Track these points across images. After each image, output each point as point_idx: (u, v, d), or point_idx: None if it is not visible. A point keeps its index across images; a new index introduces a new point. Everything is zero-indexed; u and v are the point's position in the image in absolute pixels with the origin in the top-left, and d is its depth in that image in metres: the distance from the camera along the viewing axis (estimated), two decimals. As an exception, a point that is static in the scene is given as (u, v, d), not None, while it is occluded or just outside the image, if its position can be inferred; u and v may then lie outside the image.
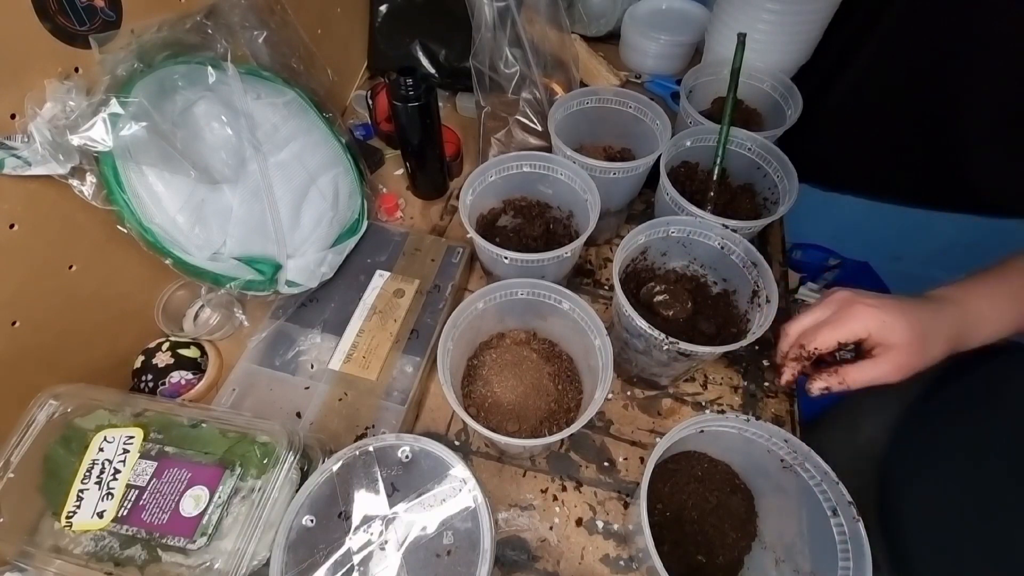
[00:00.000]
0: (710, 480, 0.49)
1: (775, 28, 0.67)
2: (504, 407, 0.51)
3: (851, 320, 0.44)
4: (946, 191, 0.88)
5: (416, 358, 0.56)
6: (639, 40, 0.84)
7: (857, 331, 0.43)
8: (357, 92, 0.84)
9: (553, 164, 0.58)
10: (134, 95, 0.43)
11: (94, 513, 0.39)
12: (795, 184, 0.56)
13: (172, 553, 0.38)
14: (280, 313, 0.59)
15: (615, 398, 0.58)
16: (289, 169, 0.56)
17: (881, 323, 0.43)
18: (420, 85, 0.59)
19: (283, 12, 0.59)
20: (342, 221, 0.62)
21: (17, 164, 0.39)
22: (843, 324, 0.44)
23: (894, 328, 0.43)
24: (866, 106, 0.82)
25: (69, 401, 0.43)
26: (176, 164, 0.46)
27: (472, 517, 0.39)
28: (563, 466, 0.54)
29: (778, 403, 0.58)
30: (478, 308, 0.50)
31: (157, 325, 0.57)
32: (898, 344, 0.43)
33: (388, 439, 0.42)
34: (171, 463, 0.41)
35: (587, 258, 0.68)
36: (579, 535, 0.50)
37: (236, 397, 0.54)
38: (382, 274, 0.62)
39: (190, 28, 0.50)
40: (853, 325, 0.44)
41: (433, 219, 0.72)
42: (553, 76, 0.68)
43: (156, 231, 0.47)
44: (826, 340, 0.44)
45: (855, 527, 0.37)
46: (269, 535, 0.39)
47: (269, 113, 0.55)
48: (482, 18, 0.61)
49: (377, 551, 0.38)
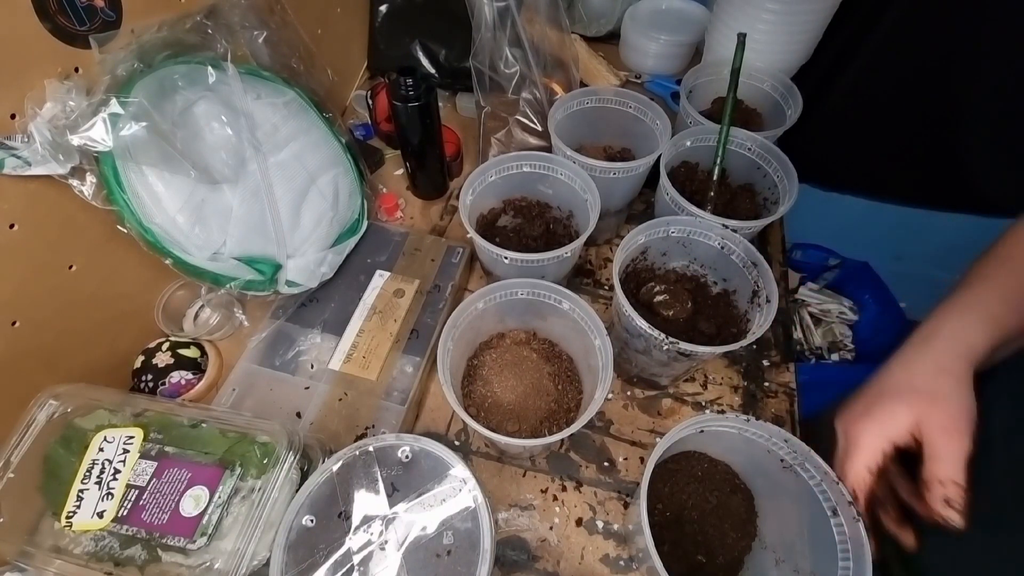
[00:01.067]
0: (710, 480, 0.49)
1: (775, 28, 0.67)
2: (504, 407, 0.51)
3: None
4: (946, 191, 0.88)
5: (416, 358, 0.56)
6: (639, 40, 0.84)
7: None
8: (357, 92, 0.84)
9: (553, 164, 0.58)
10: (134, 95, 0.43)
11: (94, 513, 0.39)
12: (795, 184, 0.56)
13: (172, 553, 0.38)
14: (280, 313, 0.59)
15: (615, 398, 0.58)
16: (289, 169, 0.56)
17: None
18: (420, 85, 0.59)
19: (283, 12, 0.59)
20: (342, 221, 0.62)
21: (17, 164, 0.39)
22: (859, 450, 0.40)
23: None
24: (866, 106, 0.82)
25: (69, 401, 0.43)
26: (176, 164, 0.46)
27: (472, 517, 0.39)
28: (563, 466, 0.54)
29: (778, 403, 0.58)
30: (478, 308, 0.50)
31: (157, 325, 0.57)
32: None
33: (388, 439, 0.42)
34: (171, 463, 0.41)
35: (587, 258, 0.68)
36: (579, 535, 0.50)
37: (236, 397, 0.54)
38: (382, 274, 0.62)
39: (190, 28, 0.50)
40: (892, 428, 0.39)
41: (433, 219, 0.72)
42: (553, 76, 0.68)
43: (156, 231, 0.47)
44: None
45: (855, 527, 0.37)
46: (269, 535, 0.39)
47: (269, 113, 0.55)
48: (482, 18, 0.61)
49: (377, 551, 0.38)
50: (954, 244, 1.06)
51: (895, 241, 1.10)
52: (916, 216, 0.97)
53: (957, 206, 0.91)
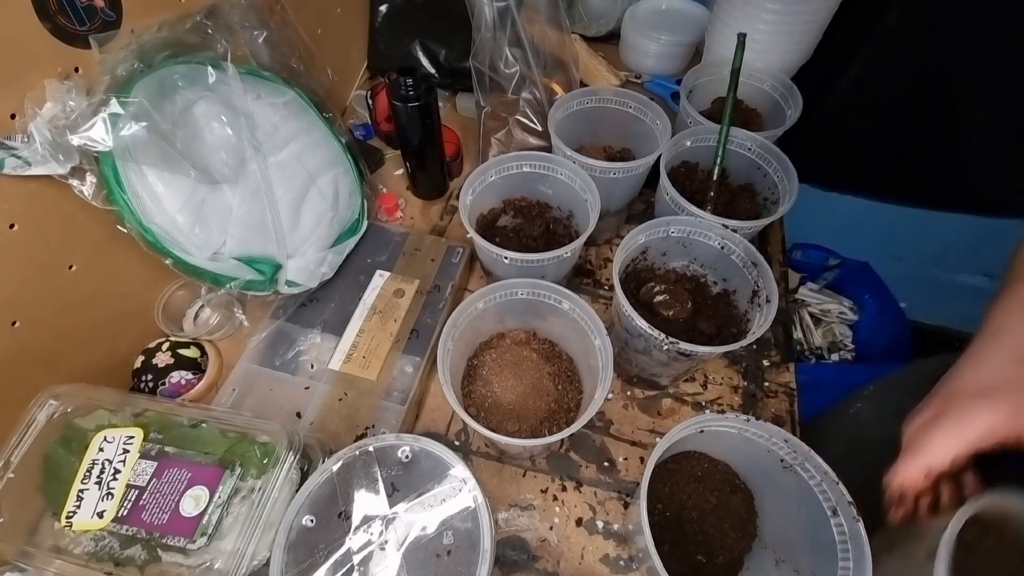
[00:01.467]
0: (710, 480, 0.49)
1: (775, 28, 0.67)
2: (504, 407, 0.51)
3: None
4: (946, 191, 0.88)
5: (416, 358, 0.56)
6: (639, 40, 0.84)
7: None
8: (357, 92, 0.84)
9: (553, 164, 0.58)
10: (134, 95, 0.43)
11: (94, 513, 0.39)
12: (795, 184, 0.56)
13: (172, 553, 0.38)
14: (280, 313, 0.59)
15: (615, 398, 0.58)
16: (289, 169, 0.56)
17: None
18: (420, 85, 0.59)
19: (283, 12, 0.59)
20: (342, 221, 0.62)
21: (17, 164, 0.39)
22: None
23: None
24: (866, 106, 0.82)
25: (69, 401, 0.43)
26: (176, 164, 0.46)
27: (472, 517, 0.39)
28: (563, 466, 0.54)
29: (778, 403, 0.58)
30: (478, 308, 0.50)
31: (157, 325, 0.57)
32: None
33: (388, 439, 0.42)
34: (171, 463, 0.41)
35: (587, 258, 0.68)
36: (579, 535, 0.50)
37: (236, 397, 0.54)
38: (382, 274, 0.62)
39: (190, 28, 0.50)
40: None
41: (433, 219, 0.72)
42: (553, 76, 0.68)
43: (156, 231, 0.47)
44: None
45: (855, 527, 0.37)
46: (269, 535, 0.39)
47: (269, 113, 0.55)
48: (482, 18, 0.61)
49: (377, 551, 0.38)
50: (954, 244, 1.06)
51: (895, 241, 1.10)
52: (916, 216, 0.97)
53: (957, 206, 0.91)
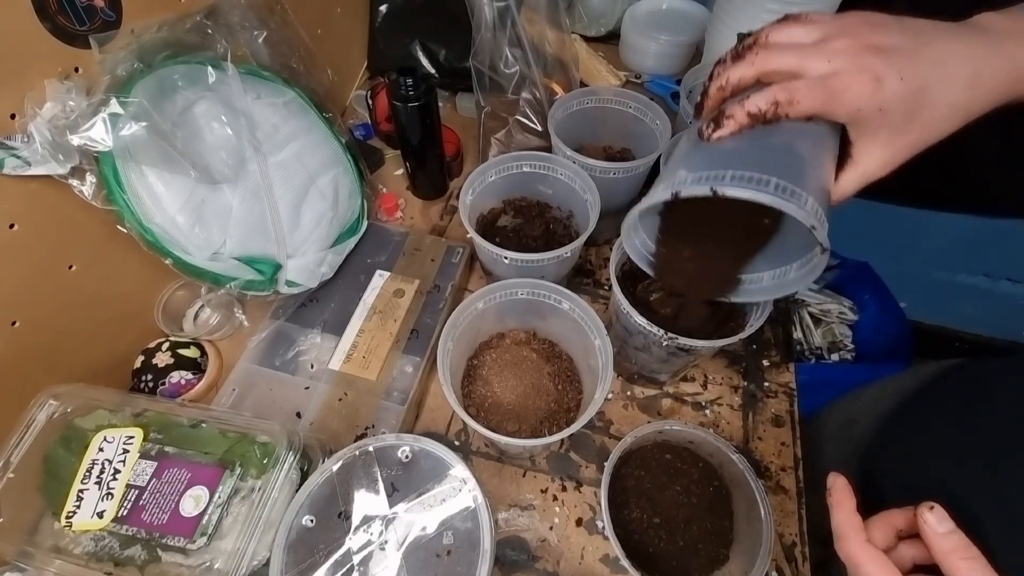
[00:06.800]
0: (692, 478, 0.49)
1: (775, 28, 0.67)
2: (504, 407, 0.51)
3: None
4: (946, 191, 0.88)
5: (416, 358, 0.56)
6: (639, 40, 0.84)
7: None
8: (357, 92, 0.84)
9: (553, 164, 0.58)
10: (134, 95, 0.43)
11: (94, 513, 0.39)
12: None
13: (172, 553, 0.38)
14: (280, 313, 0.59)
15: (615, 398, 0.58)
16: (289, 169, 0.56)
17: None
18: (420, 85, 0.59)
19: (283, 12, 0.59)
20: (342, 221, 0.62)
21: (17, 164, 0.39)
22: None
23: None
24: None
25: (69, 401, 0.43)
26: (176, 164, 0.46)
27: (472, 517, 0.39)
28: (563, 466, 0.54)
29: (778, 403, 0.58)
30: (478, 308, 0.50)
31: (157, 325, 0.57)
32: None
33: (388, 439, 0.42)
34: (171, 463, 0.41)
35: (587, 258, 0.68)
36: (579, 535, 0.50)
37: (236, 397, 0.54)
38: (382, 274, 0.62)
39: (190, 28, 0.50)
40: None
41: (433, 219, 0.72)
42: (553, 76, 0.68)
43: (156, 231, 0.47)
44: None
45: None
46: (269, 535, 0.39)
47: (269, 113, 0.55)
48: (482, 18, 0.61)
49: (377, 551, 0.38)
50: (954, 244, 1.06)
51: (895, 241, 1.10)
52: (916, 216, 0.97)
53: (957, 206, 0.90)
